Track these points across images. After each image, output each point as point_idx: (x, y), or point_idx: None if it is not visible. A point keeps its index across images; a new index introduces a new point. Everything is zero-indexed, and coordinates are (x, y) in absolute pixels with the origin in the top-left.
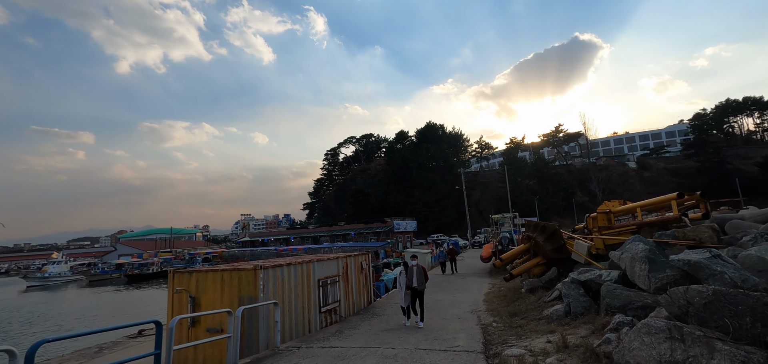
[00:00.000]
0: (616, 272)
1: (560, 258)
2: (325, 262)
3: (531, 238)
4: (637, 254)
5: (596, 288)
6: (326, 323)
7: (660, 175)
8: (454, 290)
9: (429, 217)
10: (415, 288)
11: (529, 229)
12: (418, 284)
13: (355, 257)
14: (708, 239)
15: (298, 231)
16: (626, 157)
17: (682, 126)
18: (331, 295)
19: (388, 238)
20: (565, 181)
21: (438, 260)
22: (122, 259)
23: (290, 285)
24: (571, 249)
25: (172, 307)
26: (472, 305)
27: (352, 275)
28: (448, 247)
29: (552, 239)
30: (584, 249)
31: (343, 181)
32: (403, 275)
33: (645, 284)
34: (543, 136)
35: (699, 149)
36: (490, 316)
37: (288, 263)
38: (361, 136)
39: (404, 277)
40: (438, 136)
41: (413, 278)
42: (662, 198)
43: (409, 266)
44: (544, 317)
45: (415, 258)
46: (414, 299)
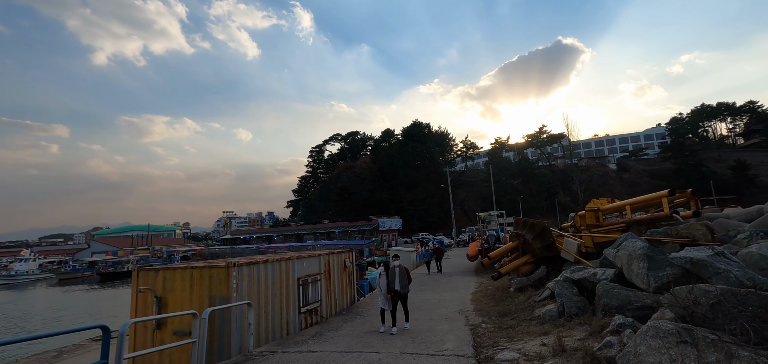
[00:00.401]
0: (611, 271)
1: (549, 256)
2: (305, 259)
3: (519, 236)
4: (634, 251)
5: (591, 287)
6: (306, 324)
7: (639, 176)
8: (440, 289)
9: (414, 215)
10: (398, 291)
11: (517, 226)
12: (400, 286)
13: (338, 254)
14: (702, 236)
15: (281, 229)
16: (607, 158)
17: (659, 129)
18: (311, 294)
19: (373, 236)
20: (548, 181)
21: (423, 259)
22: (96, 257)
23: (267, 284)
24: (560, 247)
25: (135, 308)
26: (460, 304)
27: (335, 273)
28: (434, 245)
29: (541, 237)
30: (574, 247)
31: (328, 178)
32: (383, 276)
33: (644, 283)
34: (527, 137)
35: (676, 152)
36: (479, 316)
37: (265, 261)
38: (346, 134)
39: (385, 279)
40: (424, 135)
41: (395, 280)
42: (652, 195)
43: (391, 267)
44: (536, 317)
45: (398, 258)
46: (396, 304)
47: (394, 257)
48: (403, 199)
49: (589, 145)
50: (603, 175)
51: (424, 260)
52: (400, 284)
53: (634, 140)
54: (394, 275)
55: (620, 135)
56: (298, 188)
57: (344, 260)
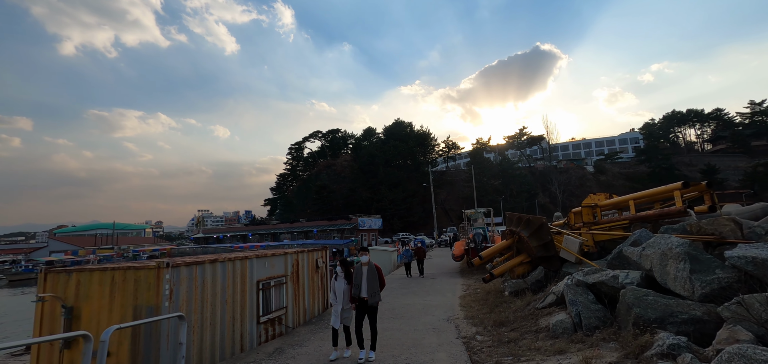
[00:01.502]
0: (635, 273)
1: (546, 256)
2: (268, 259)
3: (514, 233)
4: (670, 249)
5: (612, 294)
6: (266, 336)
7: (615, 178)
8: (424, 292)
9: (395, 215)
10: (364, 301)
11: (511, 223)
12: (368, 294)
13: (309, 253)
14: (730, 233)
15: (256, 227)
16: (584, 161)
17: (633, 134)
18: (274, 300)
19: (353, 235)
20: (528, 182)
21: (402, 260)
22: (54, 256)
23: (215, 289)
24: (559, 246)
25: (40, 322)
26: (448, 311)
27: (305, 275)
28: (415, 245)
29: (538, 235)
30: (576, 246)
31: (308, 176)
32: (340, 279)
33: (686, 289)
34: (508, 138)
35: (650, 155)
36: (472, 326)
37: (213, 260)
38: (327, 132)
39: (343, 283)
40: (406, 134)
41: (361, 283)
42: (662, 189)
43: (356, 266)
44: (544, 329)
45: (366, 253)
46: (361, 318)
47: (362, 250)
48: (384, 198)
49: (567, 148)
50: (581, 177)
51: (404, 261)
52: (367, 290)
53: (610, 144)
54: (360, 277)
55: (596, 139)
56: (276, 186)
57: (316, 260)
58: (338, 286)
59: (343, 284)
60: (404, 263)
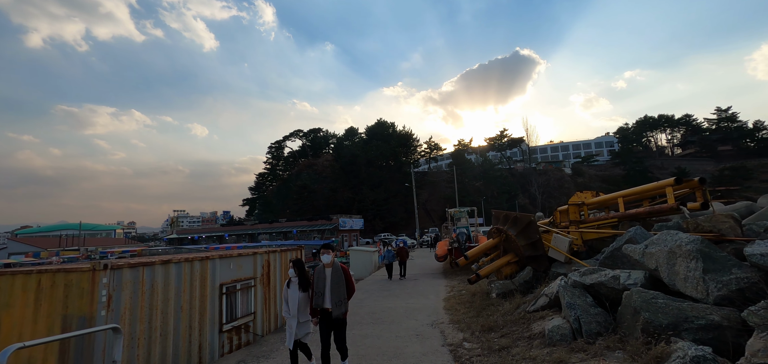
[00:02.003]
0: (638, 274)
1: (535, 256)
2: (233, 260)
3: (500, 231)
4: (679, 246)
5: (613, 297)
6: (231, 346)
7: (591, 180)
8: (406, 294)
9: (377, 215)
10: (327, 312)
11: (498, 221)
12: (333, 303)
13: (282, 253)
14: (729, 230)
15: (233, 228)
16: (562, 163)
17: (608, 138)
18: (241, 306)
19: (333, 236)
20: (509, 183)
21: (384, 261)
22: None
23: (167, 294)
24: (547, 245)
25: None
26: (432, 314)
27: (277, 277)
28: (397, 246)
29: (526, 233)
30: (565, 245)
31: (288, 176)
32: (294, 286)
33: (699, 291)
34: (489, 140)
35: (625, 158)
36: (458, 331)
37: (165, 261)
38: (308, 131)
39: (295, 291)
40: (388, 134)
41: (324, 291)
42: (653, 185)
43: (317, 269)
44: (537, 335)
45: (329, 252)
46: (326, 335)
47: (324, 248)
48: (365, 198)
49: (546, 150)
50: (559, 178)
51: (385, 262)
52: (331, 300)
53: (586, 147)
54: (323, 283)
55: (573, 142)
56: (255, 185)
57: (290, 260)
58: (292, 294)
59: (298, 291)
60: (385, 265)
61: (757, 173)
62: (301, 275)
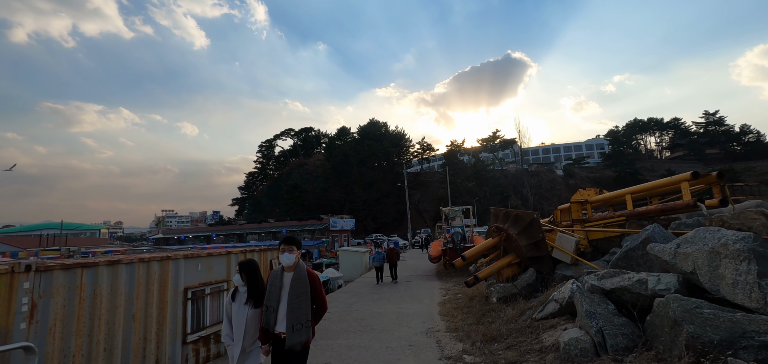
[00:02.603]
0: (669, 278)
1: (537, 256)
2: (202, 260)
3: (501, 230)
4: (724, 245)
5: (642, 304)
6: (197, 359)
7: (583, 182)
8: (398, 298)
9: (368, 216)
10: (279, 340)
11: (497, 219)
12: (288, 328)
13: (263, 252)
14: (761, 228)
15: (221, 228)
16: (554, 165)
17: (599, 140)
18: (211, 313)
19: (324, 236)
20: (501, 184)
21: (374, 264)
22: None
23: (115, 300)
24: (551, 244)
25: None
26: (426, 321)
27: None
28: (388, 246)
29: (528, 232)
30: (571, 245)
31: (279, 175)
32: (242, 298)
33: (754, 299)
34: (481, 141)
35: (616, 160)
36: (457, 341)
37: (113, 262)
38: (300, 130)
39: (243, 307)
40: (381, 134)
41: (277, 308)
42: (666, 181)
43: (273, 273)
44: (550, 348)
45: (291, 249)
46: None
47: (285, 243)
48: (357, 198)
49: (537, 152)
50: (551, 180)
51: (375, 264)
52: (288, 319)
53: (577, 149)
54: (277, 295)
55: (565, 144)
56: (245, 185)
57: (271, 261)
58: (237, 311)
59: (247, 307)
60: (374, 267)
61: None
62: (251, 284)
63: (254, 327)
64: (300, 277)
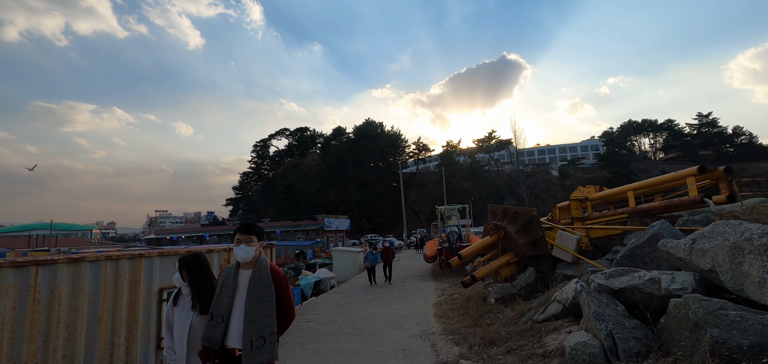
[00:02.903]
0: (685, 276)
1: (537, 255)
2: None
3: (498, 228)
4: (749, 240)
5: (656, 305)
6: None
7: (578, 182)
8: (391, 299)
9: (363, 216)
10: (233, 358)
11: (495, 216)
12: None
13: (229, 251)
14: None
15: (214, 228)
16: (549, 166)
17: (593, 142)
18: None
19: (319, 236)
20: (497, 185)
21: (366, 264)
22: None
23: (76, 302)
24: (551, 243)
25: None
26: (421, 323)
27: None
28: (383, 246)
29: (528, 230)
30: (572, 243)
31: (273, 175)
32: (186, 303)
33: None
34: (477, 142)
35: (611, 161)
36: (454, 345)
37: (75, 259)
38: (295, 130)
39: (186, 312)
40: (376, 134)
41: (228, 317)
42: (670, 176)
43: (225, 271)
44: (555, 352)
45: (250, 240)
46: None
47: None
48: (352, 198)
49: (533, 153)
50: (546, 181)
51: (367, 265)
52: (246, 335)
53: (572, 150)
54: (229, 299)
55: (560, 145)
56: (240, 185)
57: None
58: (179, 318)
59: (192, 313)
60: (366, 268)
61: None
62: (196, 284)
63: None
64: (261, 276)
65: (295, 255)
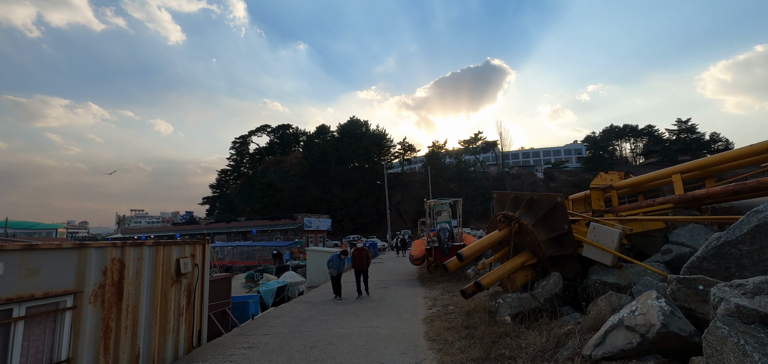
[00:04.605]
0: None
1: (561, 255)
2: (14, 256)
3: (510, 220)
4: None
5: None
6: None
7: (563, 185)
8: (369, 312)
9: (346, 216)
10: None
11: (504, 205)
12: None
13: (158, 248)
14: None
15: (184, 227)
16: (535, 168)
17: (576, 146)
18: (32, 348)
19: (297, 237)
20: (483, 186)
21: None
22: None
23: None
24: (579, 239)
25: None
26: (408, 351)
27: (142, 289)
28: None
29: (549, 222)
30: (613, 239)
31: (253, 173)
32: None
33: None
34: (463, 143)
35: (594, 165)
36: None
37: None
38: (277, 126)
39: None
40: (361, 133)
41: None
42: (745, 150)
43: None
44: None
45: None
46: None
47: None
48: (335, 197)
49: (517, 156)
50: (532, 182)
51: (331, 272)
52: None
53: (556, 154)
54: None
55: (544, 148)
56: (217, 183)
57: (178, 261)
58: None
59: None
60: (331, 276)
61: None
62: None
63: None
64: None
65: (273, 256)
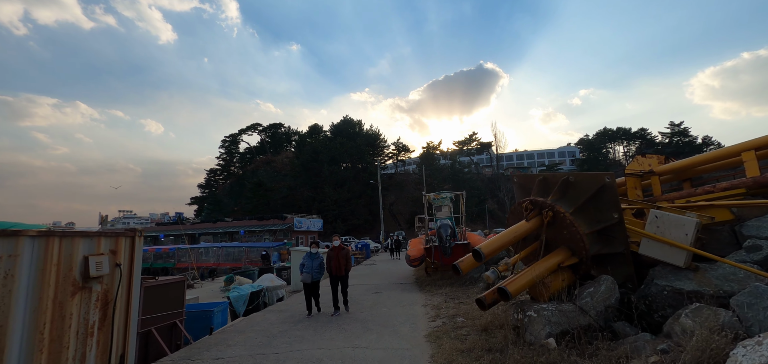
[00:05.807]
0: None
1: (608, 254)
2: None
3: (541, 207)
4: None
5: None
6: None
7: None
8: (356, 326)
9: (338, 216)
10: None
11: (527, 190)
12: None
13: (50, 240)
14: None
15: (170, 228)
16: (529, 170)
17: (570, 148)
18: None
19: (287, 237)
20: (478, 187)
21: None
22: None
23: None
24: (635, 230)
25: None
26: None
27: (17, 299)
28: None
29: (593, 210)
30: (687, 231)
31: (243, 173)
32: None
33: None
34: (458, 144)
35: (589, 167)
36: None
37: None
38: (268, 125)
39: None
40: (354, 132)
41: None
42: None
43: None
44: None
45: None
46: None
47: None
48: (326, 198)
49: (512, 158)
50: None
51: (306, 276)
52: None
53: (550, 156)
54: None
55: (538, 150)
56: (206, 182)
57: (85, 260)
58: None
59: None
60: (303, 284)
61: None
62: None
63: None
64: None
65: (261, 257)
